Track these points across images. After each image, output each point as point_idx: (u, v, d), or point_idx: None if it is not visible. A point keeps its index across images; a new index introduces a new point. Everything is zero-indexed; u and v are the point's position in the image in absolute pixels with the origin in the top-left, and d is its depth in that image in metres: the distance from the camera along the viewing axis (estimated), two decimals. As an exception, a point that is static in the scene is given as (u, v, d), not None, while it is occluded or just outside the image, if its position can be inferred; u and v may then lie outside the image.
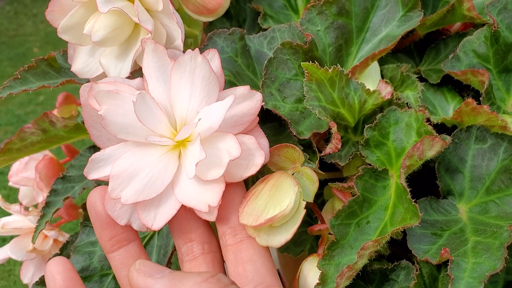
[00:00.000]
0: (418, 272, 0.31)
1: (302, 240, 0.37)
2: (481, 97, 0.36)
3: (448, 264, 0.29)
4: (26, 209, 0.49)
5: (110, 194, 0.27)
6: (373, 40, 0.37)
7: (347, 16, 0.37)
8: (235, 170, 0.28)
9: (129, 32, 0.32)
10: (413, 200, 0.29)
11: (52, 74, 0.35)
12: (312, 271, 0.31)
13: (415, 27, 0.41)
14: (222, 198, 0.28)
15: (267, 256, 0.28)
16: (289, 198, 0.28)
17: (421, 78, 0.40)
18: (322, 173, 0.33)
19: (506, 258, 0.28)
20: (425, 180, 0.35)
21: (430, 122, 0.33)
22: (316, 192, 0.31)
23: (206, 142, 0.28)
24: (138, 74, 0.30)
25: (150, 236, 0.38)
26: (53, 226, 0.49)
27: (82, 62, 0.33)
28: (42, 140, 0.43)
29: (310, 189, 0.30)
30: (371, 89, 0.34)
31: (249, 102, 0.29)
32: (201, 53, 0.37)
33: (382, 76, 0.39)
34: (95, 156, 0.29)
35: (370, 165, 0.33)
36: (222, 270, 0.29)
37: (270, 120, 0.37)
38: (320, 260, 0.30)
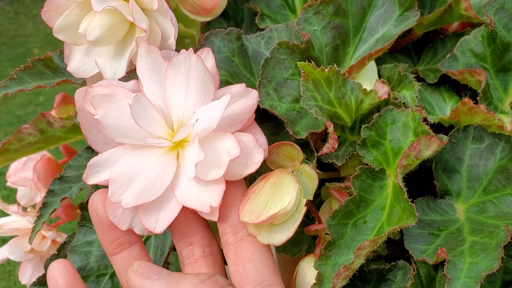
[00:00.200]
0: (415, 272, 0.31)
1: (300, 240, 0.37)
2: (478, 96, 0.36)
3: (445, 264, 0.29)
4: (24, 209, 0.49)
5: (110, 198, 0.27)
6: (370, 39, 0.37)
7: (344, 15, 0.37)
8: (235, 168, 0.28)
9: (124, 31, 0.32)
10: (410, 200, 0.29)
11: (48, 74, 0.35)
12: (309, 271, 0.31)
13: (413, 27, 0.41)
14: (223, 197, 0.28)
15: (268, 254, 0.28)
16: (290, 195, 0.28)
17: (418, 78, 0.40)
18: (320, 172, 0.33)
19: (502, 258, 0.28)
20: (422, 180, 0.35)
21: (427, 122, 0.33)
22: (315, 189, 0.30)
23: (204, 142, 0.28)
24: (134, 73, 0.30)
25: (147, 236, 0.37)
26: (51, 226, 0.49)
27: (78, 62, 0.33)
28: (39, 140, 0.43)
29: (310, 186, 0.30)
30: (368, 88, 0.34)
31: (245, 100, 0.29)
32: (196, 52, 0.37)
33: (379, 75, 0.39)
34: (93, 160, 0.28)
35: (367, 165, 0.33)
36: (223, 272, 0.29)
37: (267, 120, 0.37)
38: (317, 260, 0.30)
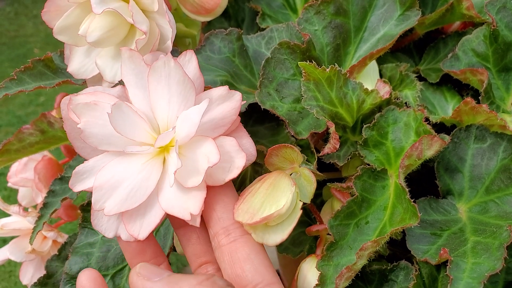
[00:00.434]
0: (417, 272, 0.31)
1: (301, 240, 0.37)
2: (480, 96, 0.36)
3: (447, 264, 0.29)
4: (25, 210, 0.49)
5: (94, 206, 0.27)
6: (371, 39, 0.37)
7: (345, 15, 0.37)
8: (217, 173, 0.28)
9: (124, 33, 0.32)
10: (412, 200, 0.29)
11: (48, 75, 0.35)
12: (310, 272, 0.31)
13: (414, 26, 0.41)
14: (212, 199, 0.28)
15: (264, 253, 0.28)
16: (285, 198, 0.28)
17: (420, 78, 0.40)
18: (320, 174, 0.33)
19: (505, 258, 0.28)
20: (424, 180, 0.35)
21: (429, 122, 0.33)
22: (313, 193, 0.30)
23: (187, 148, 0.28)
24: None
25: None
26: (52, 227, 0.49)
27: (78, 63, 0.33)
28: (40, 140, 0.43)
29: (308, 190, 0.30)
30: (370, 88, 0.34)
31: (228, 103, 0.28)
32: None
33: (381, 75, 0.39)
34: (79, 168, 0.28)
35: (368, 165, 0.33)
36: None
37: (268, 120, 0.37)
38: (319, 261, 0.30)
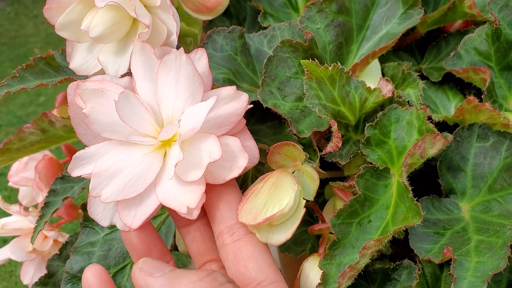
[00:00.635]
0: (420, 271, 0.31)
1: (303, 239, 0.37)
2: (482, 95, 0.36)
3: (450, 263, 0.29)
4: (25, 209, 0.49)
5: (91, 192, 0.27)
6: (373, 38, 0.37)
7: (347, 13, 0.37)
8: (218, 171, 0.28)
9: (127, 28, 0.32)
10: (415, 198, 0.29)
11: (50, 73, 0.35)
12: (313, 271, 0.31)
13: (416, 25, 0.41)
14: (216, 198, 0.28)
15: (267, 252, 0.28)
16: (288, 197, 0.28)
17: (422, 76, 0.40)
18: (323, 172, 0.32)
19: (509, 257, 0.28)
20: (426, 178, 0.35)
21: (432, 120, 0.33)
22: (316, 190, 0.30)
23: (189, 142, 0.28)
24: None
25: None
26: (53, 226, 0.49)
27: (80, 60, 0.33)
28: (41, 140, 0.43)
29: (311, 187, 0.30)
30: (372, 87, 0.34)
31: (235, 103, 0.28)
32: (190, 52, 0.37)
33: (383, 74, 0.39)
34: (79, 153, 0.28)
35: (371, 163, 0.33)
36: None
37: (270, 118, 0.37)
38: (321, 259, 0.30)
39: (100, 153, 0.28)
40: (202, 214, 0.30)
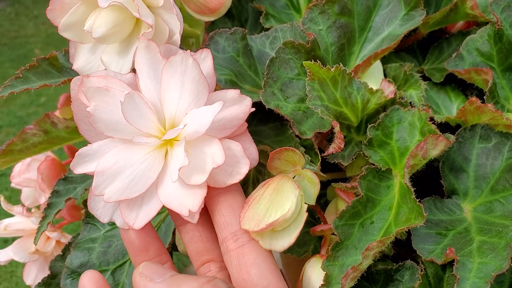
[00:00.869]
0: (423, 272, 0.31)
1: (306, 241, 0.37)
2: (485, 96, 0.36)
3: (453, 264, 0.29)
4: (28, 210, 0.49)
5: (94, 191, 0.27)
6: (375, 39, 0.37)
7: (349, 15, 0.37)
8: (219, 175, 0.28)
9: (130, 28, 0.32)
10: (417, 199, 0.29)
11: (53, 73, 0.35)
12: (315, 272, 0.31)
13: (418, 26, 0.41)
14: (221, 204, 0.28)
15: (271, 258, 0.28)
16: (290, 202, 0.28)
17: (424, 77, 0.40)
18: (323, 175, 0.32)
19: (511, 258, 0.28)
20: (429, 179, 0.35)
21: (434, 121, 0.33)
22: (317, 194, 0.30)
23: (192, 145, 0.28)
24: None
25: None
26: (55, 227, 0.49)
27: (83, 60, 0.33)
28: (43, 141, 0.43)
29: (312, 191, 0.30)
30: (374, 88, 0.34)
31: (238, 106, 0.28)
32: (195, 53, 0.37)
33: (385, 75, 0.39)
34: (82, 150, 0.28)
35: (373, 165, 0.33)
36: None
37: (272, 120, 0.37)
38: (324, 261, 0.30)
39: (102, 150, 0.28)
40: (201, 214, 0.30)
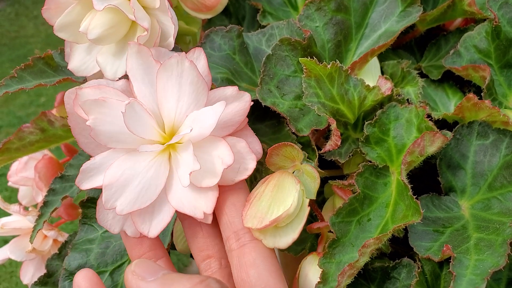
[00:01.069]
0: (420, 269, 0.30)
1: (303, 238, 0.37)
2: (482, 93, 0.36)
3: (450, 261, 0.29)
4: (25, 209, 0.49)
5: (105, 204, 0.27)
6: (372, 36, 0.37)
7: (346, 12, 0.37)
8: (227, 174, 0.28)
9: (125, 30, 0.31)
10: (414, 196, 0.29)
11: (49, 73, 0.35)
12: (311, 270, 0.31)
13: (416, 23, 0.40)
14: (224, 203, 0.28)
15: (272, 259, 0.28)
16: (292, 197, 0.28)
17: (422, 74, 0.40)
18: (321, 171, 0.32)
19: (509, 255, 0.28)
20: (426, 176, 0.35)
21: (431, 118, 0.33)
22: (317, 188, 0.30)
23: (197, 147, 0.28)
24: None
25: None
26: (52, 226, 0.48)
27: (79, 60, 0.33)
28: (40, 139, 0.43)
29: (312, 186, 0.30)
30: (371, 85, 0.34)
31: (238, 103, 0.28)
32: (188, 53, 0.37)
33: (382, 72, 0.39)
34: (86, 165, 0.28)
35: (370, 162, 0.33)
36: None
37: (268, 117, 0.37)
38: (321, 258, 0.29)
39: (106, 163, 0.28)
40: None
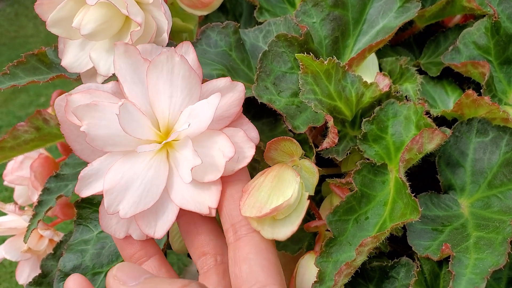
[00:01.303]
0: (418, 269, 0.30)
1: (300, 237, 0.37)
2: (482, 89, 0.35)
3: (449, 260, 0.28)
4: (21, 208, 0.48)
5: (108, 210, 0.26)
6: (370, 32, 0.36)
7: (343, 7, 0.36)
8: (227, 164, 0.28)
9: (119, 25, 0.31)
10: (413, 195, 0.29)
11: (42, 70, 0.35)
12: (308, 269, 0.31)
13: (414, 20, 0.40)
14: (223, 195, 0.28)
15: (266, 253, 0.27)
16: (292, 188, 0.27)
17: (420, 71, 0.39)
18: (319, 168, 0.32)
19: (509, 253, 0.27)
20: (425, 174, 0.35)
21: (430, 115, 0.32)
22: (316, 184, 0.30)
23: (196, 142, 0.27)
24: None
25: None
26: (48, 225, 0.48)
27: (72, 57, 0.32)
28: (35, 138, 0.43)
29: (310, 181, 0.30)
30: (369, 81, 0.33)
31: (232, 93, 0.28)
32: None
33: (380, 69, 0.39)
34: (84, 172, 0.28)
35: (368, 159, 0.32)
36: None
37: (265, 115, 0.36)
38: (317, 257, 0.29)
39: (105, 167, 0.28)
40: None
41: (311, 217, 0.37)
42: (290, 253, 0.36)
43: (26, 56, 0.34)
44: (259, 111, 0.37)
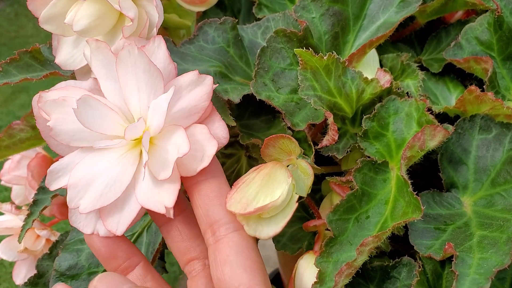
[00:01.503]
0: (420, 269, 0.29)
1: (300, 237, 0.36)
2: (484, 85, 0.35)
3: (452, 260, 0.28)
4: (18, 208, 0.48)
5: (69, 204, 0.27)
6: (370, 27, 0.36)
7: (343, 2, 0.36)
8: (189, 163, 0.27)
9: (113, 21, 0.30)
10: (414, 193, 0.28)
11: (36, 67, 0.34)
12: (308, 269, 0.30)
13: (416, 15, 0.39)
14: (197, 194, 0.27)
15: (247, 252, 0.26)
16: (281, 189, 0.27)
17: (422, 68, 0.39)
18: (317, 167, 0.31)
19: (513, 253, 0.27)
20: (427, 172, 0.34)
21: (432, 112, 0.32)
22: (310, 186, 0.29)
23: (161, 138, 0.27)
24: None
25: (139, 233, 0.37)
26: (45, 225, 0.48)
27: (66, 54, 0.32)
28: (31, 136, 0.42)
29: (305, 182, 0.29)
30: (370, 77, 0.32)
31: (200, 87, 0.27)
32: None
33: (381, 66, 0.38)
34: (53, 166, 0.28)
35: (369, 157, 0.32)
36: None
37: (264, 112, 0.36)
38: (317, 257, 0.28)
39: (73, 162, 0.28)
40: (179, 212, 0.29)
41: (311, 216, 0.37)
42: (289, 252, 0.35)
43: (19, 53, 0.34)
44: (258, 109, 0.36)
